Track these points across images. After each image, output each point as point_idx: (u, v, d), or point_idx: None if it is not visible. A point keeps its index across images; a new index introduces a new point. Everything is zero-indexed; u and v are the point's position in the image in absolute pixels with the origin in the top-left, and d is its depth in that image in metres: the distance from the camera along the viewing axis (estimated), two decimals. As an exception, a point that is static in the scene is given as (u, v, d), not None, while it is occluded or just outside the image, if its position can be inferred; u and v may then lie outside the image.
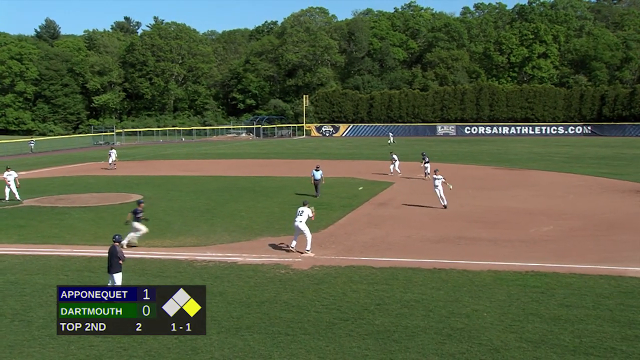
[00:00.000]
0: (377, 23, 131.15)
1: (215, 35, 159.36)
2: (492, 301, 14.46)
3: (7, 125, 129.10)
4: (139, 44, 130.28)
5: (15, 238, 22.56)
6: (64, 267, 18.23)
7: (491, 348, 11.79)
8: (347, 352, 11.64)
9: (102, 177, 43.91)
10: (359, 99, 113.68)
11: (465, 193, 32.73)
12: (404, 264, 17.90)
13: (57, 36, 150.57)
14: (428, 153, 44.87)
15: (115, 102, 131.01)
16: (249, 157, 62.39)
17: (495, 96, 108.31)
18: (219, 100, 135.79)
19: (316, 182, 31.91)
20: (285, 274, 17.12)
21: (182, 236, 22.48)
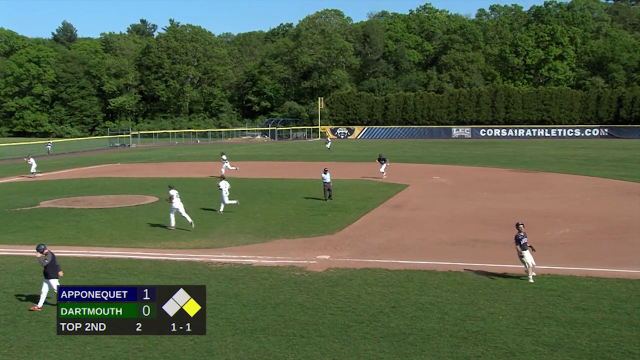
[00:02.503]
0: (392, 25, 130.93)
1: (230, 37, 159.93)
2: (507, 304, 14.38)
3: (24, 127, 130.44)
4: (155, 46, 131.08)
5: (33, 239, 22.68)
6: (81, 268, 18.34)
7: (507, 351, 11.71)
8: (362, 355, 11.61)
9: (118, 179, 44.18)
10: (374, 101, 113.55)
11: (481, 196, 32.59)
12: (419, 266, 17.86)
13: (74, 39, 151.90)
14: (443, 155, 44.72)
15: (131, 105, 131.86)
16: (264, 159, 62.51)
17: (511, 98, 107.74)
18: (234, 103, 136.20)
19: (327, 185, 31.43)
20: (300, 276, 17.12)
21: (198, 238, 22.56)
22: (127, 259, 19.45)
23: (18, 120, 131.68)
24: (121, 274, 17.59)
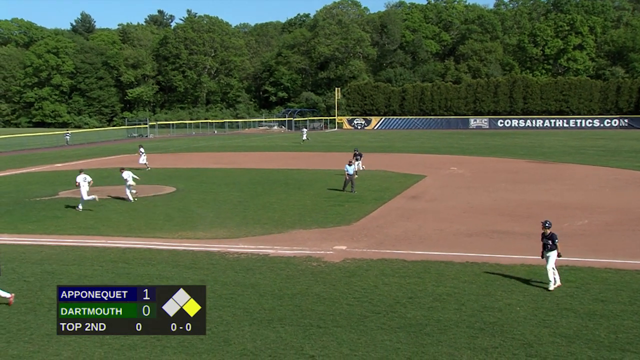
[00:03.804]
0: (409, 15, 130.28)
1: (247, 28, 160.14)
2: (525, 295, 14.31)
3: (43, 118, 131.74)
4: (172, 37, 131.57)
5: (52, 229, 22.97)
6: (99, 257, 18.48)
7: (524, 342, 11.66)
8: (379, 345, 11.62)
9: (136, 169, 44.40)
10: (391, 92, 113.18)
11: (498, 187, 32.41)
12: (436, 257, 17.80)
13: (92, 30, 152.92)
14: (460, 146, 44.48)
15: (148, 95, 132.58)
16: (281, 149, 62.59)
17: (529, 89, 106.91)
18: (251, 93, 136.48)
19: (349, 177, 30.95)
20: (317, 266, 17.14)
21: (215, 228, 22.64)
22: (145, 248, 19.57)
23: (37, 111, 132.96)
24: (139, 263, 17.70)
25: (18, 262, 18.05)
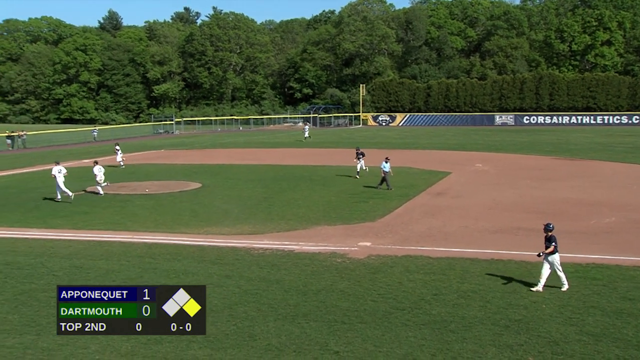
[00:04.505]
0: (435, 12, 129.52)
1: (273, 25, 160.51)
2: (551, 293, 14.21)
3: (71, 114, 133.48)
4: (198, 34, 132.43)
5: (80, 224, 23.30)
6: (126, 252, 18.71)
7: (550, 340, 11.59)
8: (403, 342, 11.63)
9: (162, 165, 44.88)
10: (416, 88, 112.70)
11: (524, 183, 32.17)
12: (461, 254, 17.75)
13: (119, 27, 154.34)
14: (486, 143, 44.17)
15: (174, 92, 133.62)
16: (306, 146, 62.69)
17: (555, 85, 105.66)
18: (276, 90, 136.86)
19: (385, 174, 30.75)
20: (341, 262, 17.18)
21: (240, 224, 22.78)
22: (171, 244, 19.77)
23: (65, 108, 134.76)
24: (165, 258, 17.88)
25: (47, 256, 18.37)
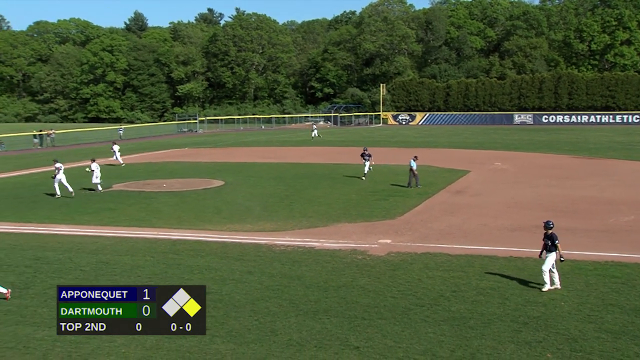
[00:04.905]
0: (454, 12, 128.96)
1: (294, 25, 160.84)
2: (569, 290, 14.27)
3: (98, 113, 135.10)
4: (222, 34, 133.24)
5: (106, 221, 23.72)
6: (151, 249, 19.03)
7: (569, 337, 11.65)
8: (423, 338, 11.75)
9: (186, 163, 45.36)
10: (436, 88, 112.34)
11: (543, 182, 32.07)
12: (480, 251, 17.84)
13: (144, 28, 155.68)
14: (505, 141, 43.92)
15: (198, 91, 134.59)
16: (327, 144, 62.84)
17: (574, 84, 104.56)
18: (297, 89, 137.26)
19: (413, 171, 30.66)
20: (362, 259, 17.34)
21: (262, 221, 23.02)
22: (195, 240, 20.06)
23: (92, 107, 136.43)
24: (189, 255, 18.18)
25: (75, 251, 18.78)
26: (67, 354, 11.28)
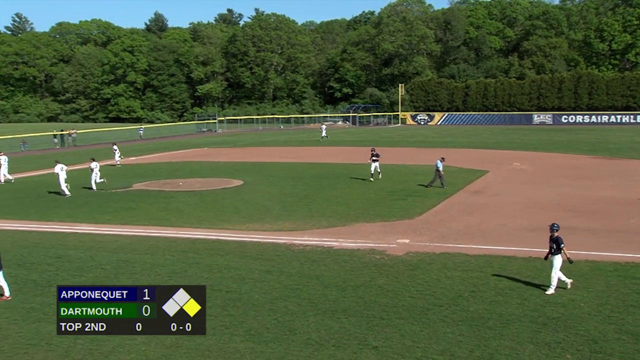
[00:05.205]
0: (473, 12, 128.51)
1: (313, 25, 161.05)
2: (589, 291, 14.18)
3: (119, 113, 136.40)
4: (241, 35, 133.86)
5: (126, 220, 23.93)
6: (170, 247, 19.16)
7: (588, 339, 11.58)
8: (441, 338, 11.74)
9: (205, 162, 45.58)
10: (454, 88, 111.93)
11: (562, 182, 31.83)
12: (499, 252, 17.76)
13: (164, 29, 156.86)
14: (523, 142, 43.58)
15: (217, 91, 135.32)
16: (345, 144, 62.84)
17: (594, 84, 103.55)
18: (316, 89, 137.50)
19: (439, 172, 30.54)
20: (380, 259, 17.35)
21: (281, 221, 23.09)
22: (214, 239, 20.18)
23: (113, 107, 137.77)
24: (208, 254, 18.28)
25: (95, 250, 18.98)
26: (89, 352, 11.40)
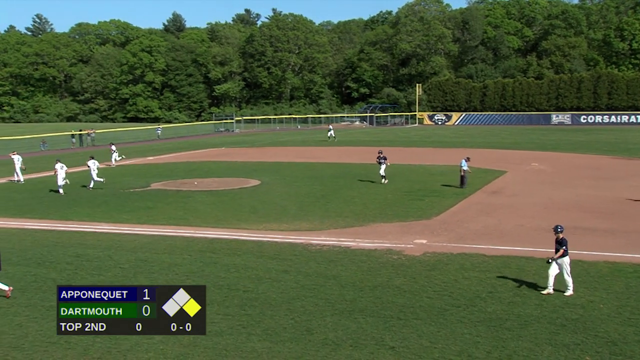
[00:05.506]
0: (491, 11, 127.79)
1: (330, 25, 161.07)
2: (608, 293, 14.06)
3: (137, 113, 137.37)
4: (258, 35, 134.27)
5: (144, 219, 24.07)
6: (188, 247, 19.25)
7: (608, 340, 11.49)
8: (459, 338, 11.70)
9: (223, 162, 45.76)
10: (472, 88, 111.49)
11: (581, 183, 31.57)
12: (517, 252, 17.66)
13: (182, 29, 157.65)
14: (542, 142, 43.25)
15: (235, 91, 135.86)
16: (362, 144, 62.78)
17: (614, 84, 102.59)
18: (333, 89, 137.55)
19: (464, 172, 30.35)
20: (397, 259, 17.32)
21: (298, 220, 23.12)
22: (232, 239, 20.24)
23: (131, 107, 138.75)
24: (226, 253, 18.34)
25: (114, 249, 19.11)
26: (107, 350, 11.48)
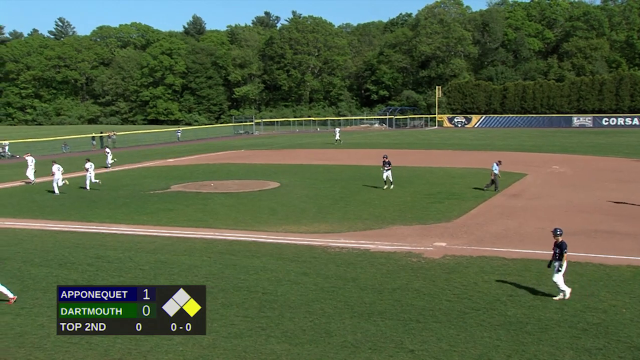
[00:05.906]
0: (512, 13, 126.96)
1: (350, 28, 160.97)
2: (631, 297, 13.89)
3: (157, 115, 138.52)
4: (278, 37, 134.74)
5: (164, 221, 24.21)
6: (208, 249, 19.33)
7: (631, 345, 11.36)
8: (478, 342, 11.63)
9: (242, 164, 45.91)
10: (492, 90, 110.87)
11: (602, 185, 31.24)
12: (537, 255, 17.46)
13: (202, 31, 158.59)
14: (563, 144, 42.86)
15: (254, 93, 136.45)
16: (382, 147, 62.57)
17: (637, 86, 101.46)
18: (353, 92, 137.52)
19: (495, 175, 30.17)
20: (417, 262, 17.27)
21: (317, 223, 23.14)
22: (251, 241, 20.30)
23: (152, 109, 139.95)
24: (245, 255, 18.39)
25: (134, 251, 19.24)
26: (127, 351, 11.56)
